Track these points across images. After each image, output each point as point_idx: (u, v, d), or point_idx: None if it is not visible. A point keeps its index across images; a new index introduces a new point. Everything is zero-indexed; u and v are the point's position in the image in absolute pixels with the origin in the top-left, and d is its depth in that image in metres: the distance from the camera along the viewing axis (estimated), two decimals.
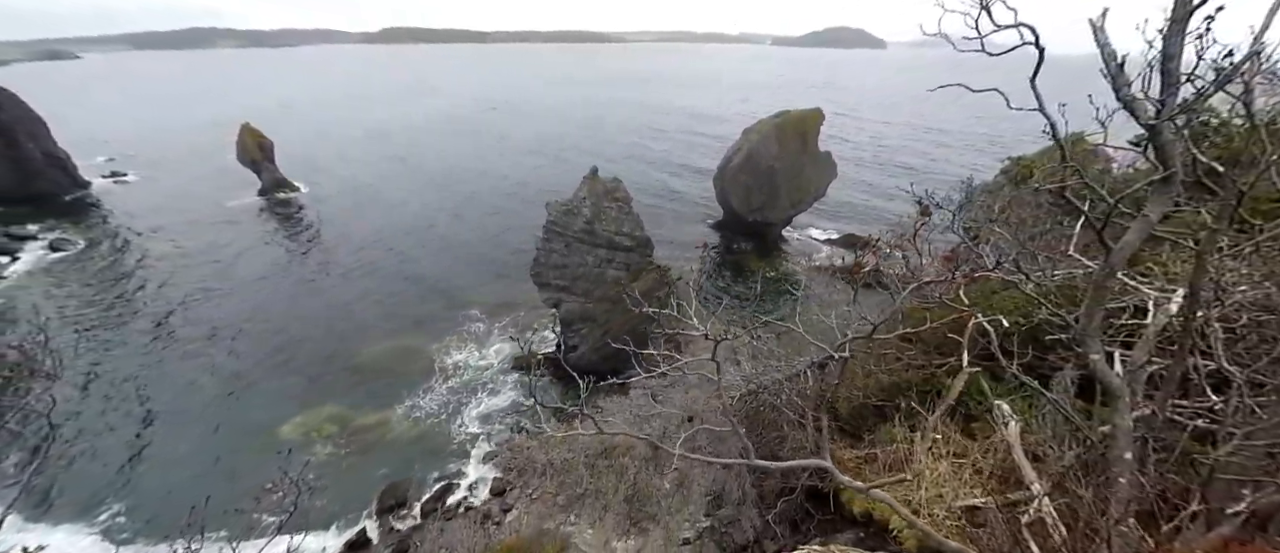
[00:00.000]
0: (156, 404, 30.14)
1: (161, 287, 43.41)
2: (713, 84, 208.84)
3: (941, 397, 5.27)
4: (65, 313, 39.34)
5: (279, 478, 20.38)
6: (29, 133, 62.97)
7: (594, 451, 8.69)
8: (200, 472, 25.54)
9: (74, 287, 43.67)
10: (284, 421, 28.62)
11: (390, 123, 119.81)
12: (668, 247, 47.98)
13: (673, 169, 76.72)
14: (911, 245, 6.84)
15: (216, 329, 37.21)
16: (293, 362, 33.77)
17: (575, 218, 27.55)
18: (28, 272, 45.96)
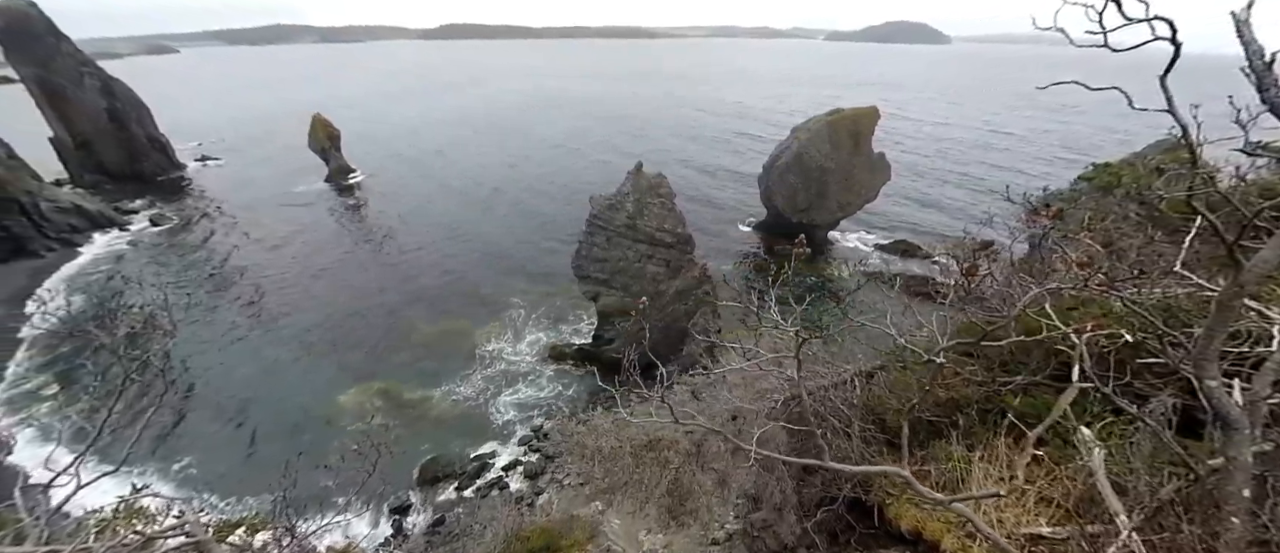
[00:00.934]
0: (233, 368, 33.12)
1: (239, 262, 47.65)
2: (761, 80, 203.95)
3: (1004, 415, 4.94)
4: (160, 280, 44.02)
5: (362, 441, 22.07)
6: (137, 118, 70.54)
7: (640, 441, 8.77)
8: (271, 432, 27.86)
9: (169, 257, 48.79)
10: (342, 390, 30.73)
11: (444, 114, 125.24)
12: (708, 245, 47.56)
13: (716, 166, 75.78)
14: (983, 254, 6.45)
15: (285, 303, 40.39)
16: (350, 337, 36.16)
17: (618, 212, 27.78)
18: (132, 242, 51.71)
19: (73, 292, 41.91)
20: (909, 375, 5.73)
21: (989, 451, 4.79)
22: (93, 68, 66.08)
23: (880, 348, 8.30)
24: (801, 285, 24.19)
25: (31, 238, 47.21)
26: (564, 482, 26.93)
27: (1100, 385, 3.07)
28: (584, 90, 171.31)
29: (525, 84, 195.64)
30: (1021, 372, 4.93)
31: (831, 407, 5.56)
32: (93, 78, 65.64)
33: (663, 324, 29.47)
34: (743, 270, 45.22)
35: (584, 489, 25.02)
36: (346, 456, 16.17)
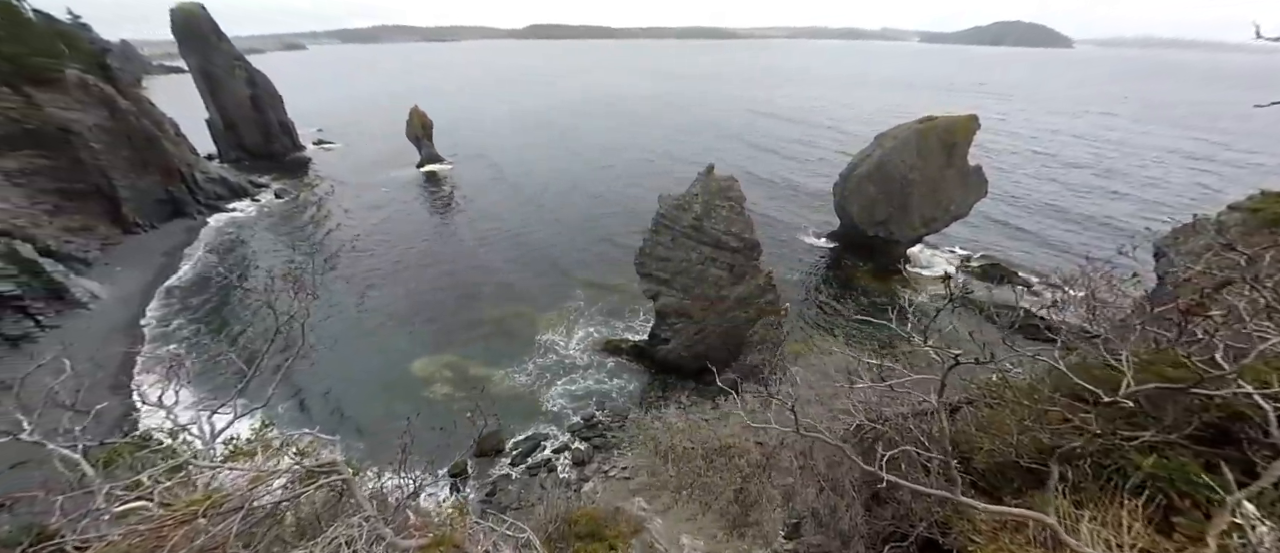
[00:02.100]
0: (324, 327, 37.13)
1: (339, 234, 53.62)
2: (844, 83, 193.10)
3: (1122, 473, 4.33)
4: (278, 246, 50.69)
5: (473, 411, 24.04)
6: (272, 105, 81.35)
7: (712, 445, 8.70)
8: (353, 388, 30.94)
9: (288, 227, 55.91)
10: (416, 358, 33.45)
11: (525, 108, 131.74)
12: (776, 252, 46.01)
13: (790, 171, 73.02)
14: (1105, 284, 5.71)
15: (372, 273, 44.71)
16: (426, 310, 39.23)
17: (685, 213, 27.67)
18: (262, 212, 59.78)
19: (219, 249, 49.45)
20: (1006, 414, 5.17)
21: (1101, 510, 4.20)
22: (242, 61, 77.11)
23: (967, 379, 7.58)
24: (872, 302, 23.17)
25: (188, 202, 56.11)
26: (610, 473, 27.34)
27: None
28: (661, 90, 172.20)
29: (603, 82, 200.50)
30: (1151, 425, 4.27)
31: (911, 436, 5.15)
32: (241, 70, 76.64)
33: (721, 329, 29.00)
34: (810, 281, 43.32)
35: (629, 484, 25.27)
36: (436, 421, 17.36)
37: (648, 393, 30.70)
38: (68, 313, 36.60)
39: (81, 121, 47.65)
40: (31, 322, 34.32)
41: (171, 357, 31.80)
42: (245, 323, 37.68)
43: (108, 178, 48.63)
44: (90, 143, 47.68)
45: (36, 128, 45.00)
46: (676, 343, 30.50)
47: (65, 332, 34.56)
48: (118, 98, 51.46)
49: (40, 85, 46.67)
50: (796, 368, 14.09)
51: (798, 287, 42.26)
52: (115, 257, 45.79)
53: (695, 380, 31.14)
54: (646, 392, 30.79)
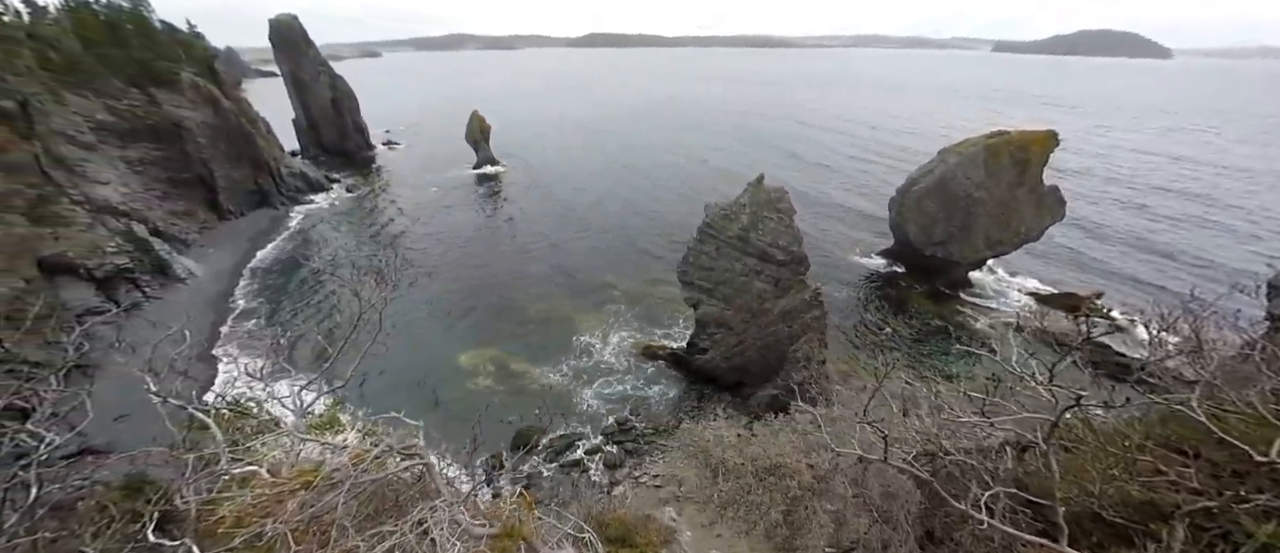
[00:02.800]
0: (384, 315, 39.52)
1: (399, 227, 57.12)
2: (905, 93, 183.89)
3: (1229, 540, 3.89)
4: (345, 236, 54.70)
5: (544, 408, 24.92)
6: (348, 107, 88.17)
7: (763, 463, 8.52)
8: (404, 375, 32.69)
9: (354, 219, 60.24)
10: (463, 351, 34.92)
11: (578, 114, 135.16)
12: (824, 268, 44.49)
13: (843, 184, 70.50)
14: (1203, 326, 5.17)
15: (426, 265, 47.20)
16: (475, 306, 40.92)
17: (732, 223, 27.35)
18: (332, 204, 64.79)
19: (296, 237, 54.04)
20: (1087, 460, 4.75)
21: None
22: (326, 67, 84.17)
23: (1033, 417, 7.02)
24: (925, 326, 21.89)
25: (272, 193, 61.71)
26: (641, 480, 27.29)
27: None
28: (712, 98, 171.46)
29: (655, 89, 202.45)
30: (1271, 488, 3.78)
31: (974, 474, 4.84)
32: (325, 74, 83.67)
33: (762, 343, 28.34)
34: (859, 300, 41.50)
35: (659, 493, 25.11)
36: (477, 413, 17.99)
37: (683, 402, 30.45)
38: (169, 287, 41.15)
39: (192, 118, 53.68)
40: (140, 293, 38.84)
41: (272, 337, 35.03)
42: (315, 305, 40.91)
43: (209, 169, 54.43)
44: (197, 137, 53.58)
45: (155, 123, 51.15)
46: (715, 354, 30.09)
47: (166, 303, 38.88)
48: (222, 98, 57.59)
49: (160, 86, 53.08)
50: (844, 389, 13.53)
51: (845, 305, 40.61)
52: (209, 239, 51.07)
53: (732, 393, 30.57)
54: (682, 401, 30.55)
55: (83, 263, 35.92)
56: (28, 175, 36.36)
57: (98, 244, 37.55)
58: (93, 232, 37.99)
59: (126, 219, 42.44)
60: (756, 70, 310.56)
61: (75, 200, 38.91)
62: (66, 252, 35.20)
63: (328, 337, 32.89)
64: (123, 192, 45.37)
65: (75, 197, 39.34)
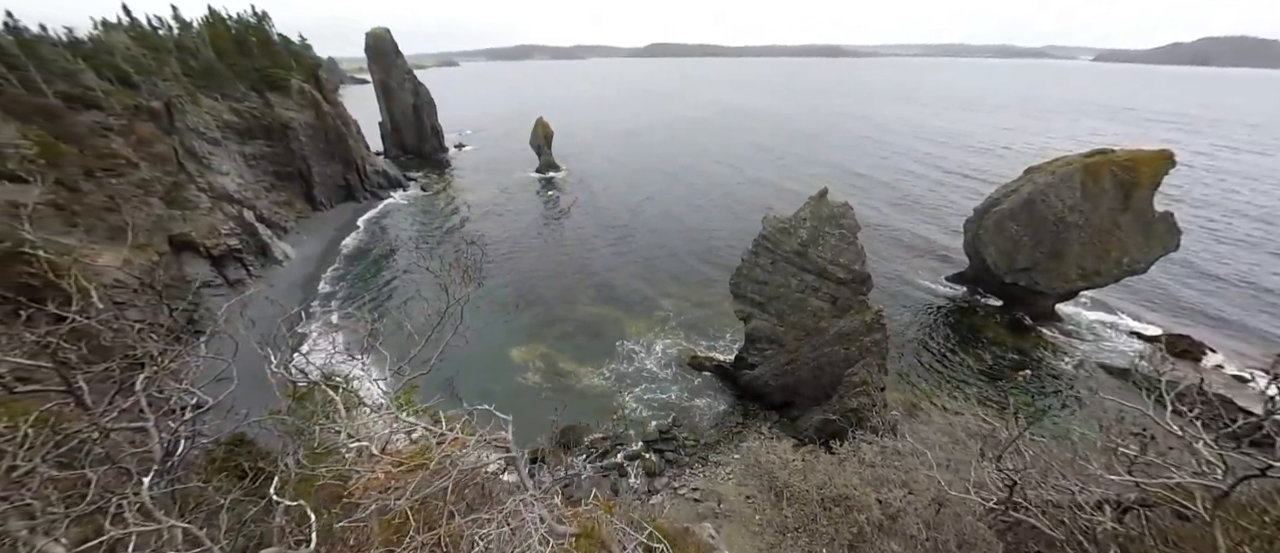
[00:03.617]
0: (442, 306, 42.00)
1: (464, 223, 60.68)
2: (985, 106, 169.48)
3: None
4: (417, 230, 58.88)
5: (589, 408, 25.54)
6: (428, 112, 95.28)
7: (830, 492, 8.12)
8: (460, 366, 34.47)
9: (426, 215, 64.78)
10: (515, 345, 36.28)
11: (639, 123, 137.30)
12: (888, 289, 42.05)
13: (912, 202, 66.33)
14: None
15: (491, 263, 49.67)
16: (531, 301, 42.47)
17: (790, 237, 26.56)
18: (408, 200, 70.09)
19: (375, 229, 59.02)
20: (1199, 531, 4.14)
21: None
22: (411, 75, 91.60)
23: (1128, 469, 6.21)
24: (1002, 360, 20.11)
25: (358, 188, 67.75)
26: (680, 491, 26.94)
27: None
28: (772, 110, 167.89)
29: (714, 99, 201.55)
30: None
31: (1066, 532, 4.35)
32: (409, 81, 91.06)
33: (815, 363, 27.16)
34: (926, 326, 38.70)
35: (697, 507, 24.59)
36: (526, 406, 18.58)
37: (727, 417, 29.77)
38: (268, 267, 46.19)
39: (297, 120, 60.25)
40: (245, 271, 43.91)
41: (354, 320, 38.52)
42: (389, 291, 44.41)
43: (307, 164, 60.73)
44: (300, 137, 60.02)
45: (268, 123, 57.90)
46: (764, 370, 29.22)
47: (264, 281, 43.65)
48: (322, 102, 64.21)
49: (274, 91, 60.10)
50: (909, 421, 12.66)
51: (910, 330, 38.03)
52: (303, 227, 56.83)
53: (779, 412, 29.49)
54: (726, 416, 29.88)
55: (202, 242, 41.20)
56: (166, 165, 42.38)
57: (215, 227, 42.93)
58: (212, 216, 43.50)
59: (239, 206, 48.24)
60: (821, 81, 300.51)
61: (200, 188, 44.80)
62: (190, 232, 40.54)
63: (410, 323, 35.52)
64: (238, 182, 51.67)
65: (200, 185, 45.31)
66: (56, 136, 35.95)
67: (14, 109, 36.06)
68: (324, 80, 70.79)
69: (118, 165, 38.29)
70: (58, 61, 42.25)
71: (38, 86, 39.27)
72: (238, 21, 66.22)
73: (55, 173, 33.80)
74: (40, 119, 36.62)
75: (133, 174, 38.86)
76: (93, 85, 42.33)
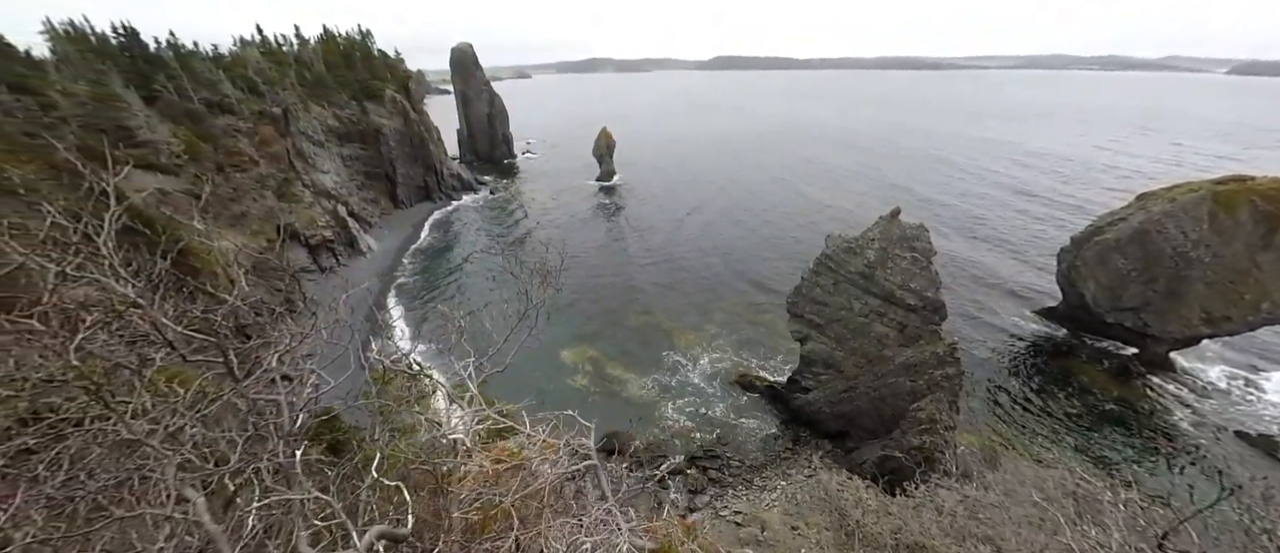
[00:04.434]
0: (502, 302, 44.03)
1: (527, 225, 63.58)
2: (1090, 123, 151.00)
3: None
4: (484, 230, 62.44)
5: (635, 416, 25.86)
6: (500, 121, 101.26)
7: (907, 540, 7.54)
8: (515, 365, 35.97)
9: (494, 216, 68.60)
10: (566, 347, 37.24)
11: (699, 135, 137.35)
12: (964, 321, 38.78)
13: (997, 228, 60.82)
14: None
15: (525, 257, 51.64)
16: (584, 305, 43.53)
17: (855, 257, 25.32)
18: (478, 203, 74.61)
19: (448, 227, 63.38)
20: None
21: None
22: (488, 86, 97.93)
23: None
24: (1099, 410, 17.84)
25: (434, 190, 73.14)
26: (722, 513, 26.20)
27: None
28: (842, 124, 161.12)
29: (780, 112, 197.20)
30: None
31: None
32: (486, 92, 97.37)
33: (876, 394, 25.54)
34: (1007, 363, 35.16)
35: (739, 531, 23.79)
36: (573, 408, 19.22)
37: (776, 441, 28.67)
38: (354, 257, 50.90)
39: (387, 126, 66.27)
40: (335, 260, 48.68)
41: (432, 313, 41.72)
42: (459, 285, 47.60)
43: (394, 166, 66.50)
44: (390, 141, 65.93)
45: (363, 129, 64.14)
46: (819, 396, 27.89)
47: (351, 269, 48.14)
48: (410, 111, 70.20)
49: (371, 100, 66.54)
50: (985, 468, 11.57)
51: (988, 366, 34.75)
52: (385, 223, 62.15)
53: (833, 441, 27.95)
54: (775, 440, 28.78)
55: (303, 232, 46.23)
56: (280, 164, 48.13)
57: (314, 219, 48.05)
58: (312, 209, 48.75)
59: (334, 202, 53.71)
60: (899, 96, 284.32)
61: (304, 184, 50.38)
62: (294, 223, 45.66)
63: (489, 322, 38.05)
64: (335, 180, 57.57)
65: (305, 182, 50.96)
66: (198, 136, 42.06)
67: (168, 112, 42.67)
68: (413, 91, 77.44)
69: (243, 162, 44.06)
70: (204, 73, 49.54)
71: (187, 93, 46.22)
72: (346, 38, 74.30)
73: (194, 167, 39.53)
74: (187, 121, 43.04)
75: (253, 170, 44.53)
76: (228, 93, 49.17)
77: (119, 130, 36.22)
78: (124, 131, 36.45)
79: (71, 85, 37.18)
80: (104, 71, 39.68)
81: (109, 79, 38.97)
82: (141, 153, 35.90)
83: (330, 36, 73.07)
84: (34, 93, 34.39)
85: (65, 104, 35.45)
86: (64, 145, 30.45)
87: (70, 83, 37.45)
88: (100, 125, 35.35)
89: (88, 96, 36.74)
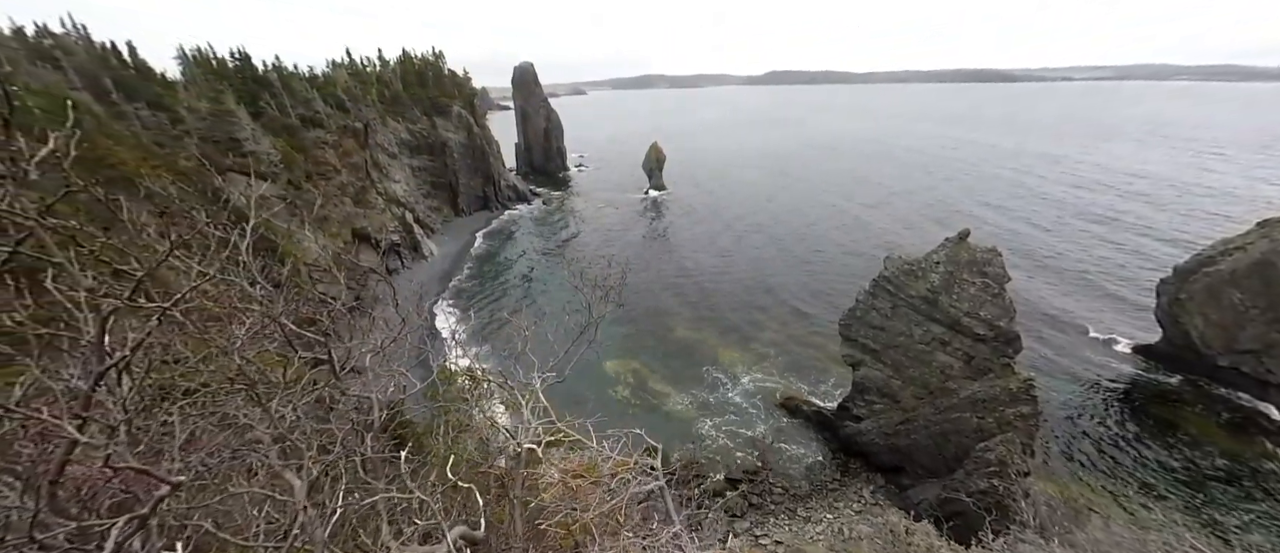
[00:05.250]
0: (547, 307, 45.09)
1: (576, 235, 65.23)
2: (1191, 142, 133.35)
3: None
4: (536, 239, 64.77)
5: (676, 433, 26.09)
6: (556, 135, 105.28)
7: None
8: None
9: (546, 226, 71.03)
10: (609, 358, 37.47)
11: (749, 152, 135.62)
12: (1042, 355, 35.36)
13: (1080, 256, 55.26)
14: None
15: (586, 270, 52.60)
16: (628, 315, 43.75)
17: (917, 281, 23.91)
18: (532, 213, 77.67)
19: (502, 235, 66.40)
20: None
21: None
22: (546, 102, 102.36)
23: None
24: (1209, 466, 15.77)
25: (492, 200, 76.94)
26: (761, 541, 25.17)
27: None
28: (903, 140, 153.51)
29: (834, 128, 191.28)
30: None
31: None
32: (543, 108, 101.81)
33: (937, 429, 23.78)
34: (1095, 406, 31.54)
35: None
36: (613, 419, 19.43)
37: (822, 470, 27.30)
38: (417, 261, 54.36)
39: (453, 140, 70.74)
40: (400, 262, 52.22)
41: (521, 330, 44.12)
42: (516, 293, 49.58)
43: (457, 177, 70.74)
44: (454, 154, 70.32)
45: (431, 142, 68.83)
46: (872, 426, 26.34)
47: (414, 271, 51.41)
48: (474, 125, 74.63)
49: (439, 115, 71.39)
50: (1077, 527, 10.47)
51: (1070, 407, 31.38)
52: (446, 229, 66.01)
53: (885, 476, 26.20)
54: (820, 468, 27.41)
55: (374, 236, 50.06)
56: (359, 173, 52.55)
57: (384, 224, 51.93)
58: (383, 215, 52.73)
59: (402, 209, 57.80)
60: (963, 110, 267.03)
61: (378, 192, 54.65)
62: (367, 227, 49.56)
63: (551, 334, 39.79)
64: (404, 189, 62.03)
65: (379, 190, 55.27)
66: (293, 148, 46.86)
67: (270, 126, 47.93)
68: (477, 107, 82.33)
69: (328, 171, 48.55)
70: (301, 91, 55.30)
71: (286, 109, 51.75)
72: (421, 59, 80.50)
73: (288, 174, 44.03)
74: (285, 134, 48.11)
75: (336, 178, 48.93)
76: (320, 109, 54.54)
77: (230, 141, 41.13)
78: (234, 143, 41.33)
79: (195, 102, 42.77)
80: (221, 90, 45.39)
81: (225, 97, 44.50)
82: (247, 162, 40.54)
83: (407, 57, 79.49)
84: (166, 109, 39.87)
85: (190, 118, 40.79)
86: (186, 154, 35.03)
87: (194, 101, 43.11)
88: (216, 137, 40.32)
89: (207, 112, 42.08)
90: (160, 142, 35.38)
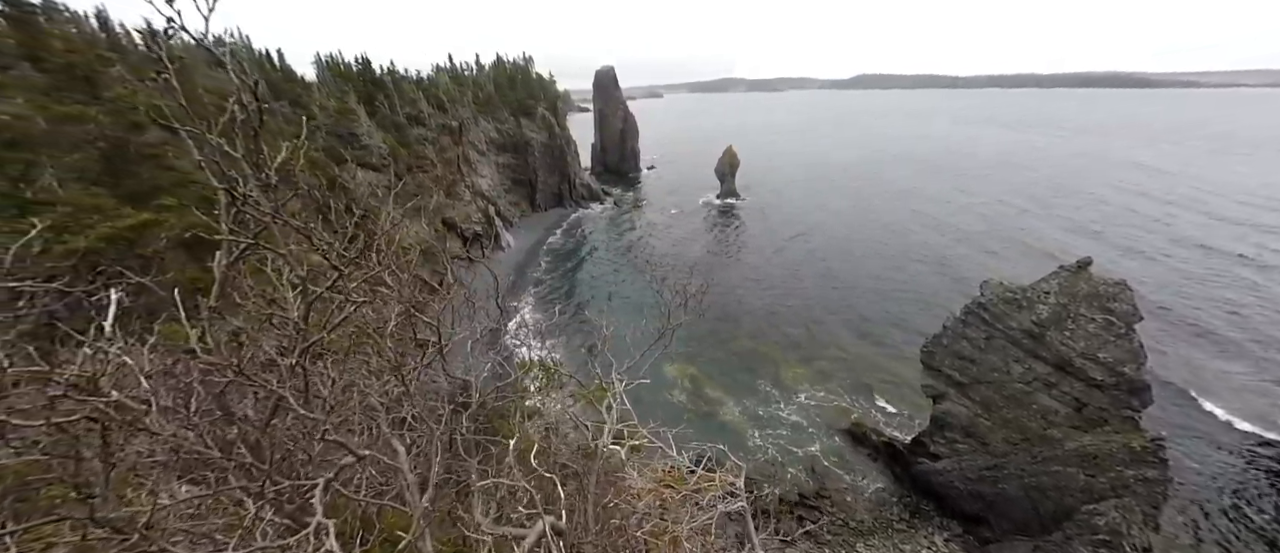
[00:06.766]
0: (608, 309, 46.04)
1: (646, 237, 66.19)
2: None
3: None
4: (607, 237, 66.46)
5: (729, 444, 27.05)
6: (631, 137, 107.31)
7: None
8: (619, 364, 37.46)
9: (616, 226, 72.67)
10: (669, 361, 37.44)
11: (830, 159, 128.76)
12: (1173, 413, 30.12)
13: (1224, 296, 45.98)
14: None
15: (667, 276, 52.88)
16: (691, 322, 42.89)
17: (1020, 311, 21.36)
18: (603, 212, 79.83)
19: (576, 232, 69.06)
20: None
21: None
22: (623, 105, 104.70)
23: None
24: None
25: (567, 198, 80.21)
26: None
27: None
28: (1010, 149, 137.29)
29: (928, 134, 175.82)
30: None
31: None
32: (620, 110, 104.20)
33: (1031, 481, 21.08)
34: (1242, 478, 26.20)
35: None
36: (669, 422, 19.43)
37: (887, 506, 25.28)
38: (496, 251, 58.12)
39: (536, 139, 74.71)
40: (481, 251, 56.11)
41: (602, 329, 46.31)
42: (589, 288, 51.37)
43: (536, 175, 74.63)
44: (536, 153, 74.24)
45: (516, 141, 73.21)
46: (951, 466, 23.95)
47: (494, 261, 55.03)
48: (555, 126, 78.27)
49: (524, 116, 75.71)
50: None
51: (1210, 476, 26.37)
52: (524, 223, 69.88)
53: (963, 525, 23.67)
54: (885, 504, 25.39)
55: (459, 226, 54.24)
56: (451, 167, 57.20)
57: (469, 215, 56.09)
58: (469, 207, 56.97)
59: (486, 202, 62.08)
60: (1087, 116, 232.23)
61: (466, 186, 59.13)
62: (455, 217, 53.82)
63: (629, 336, 41.17)
64: (489, 184, 66.58)
65: (467, 184, 59.80)
66: (399, 143, 52.11)
67: (382, 123, 53.67)
68: (559, 108, 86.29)
69: (426, 165, 53.39)
70: (408, 92, 61.35)
71: (396, 109, 57.68)
72: (512, 64, 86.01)
73: (393, 167, 49.04)
74: (393, 131, 53.64)
75: (432, 172, 53.67)
76: (423, 109, 60.12)
77: (349, 137, 46.68)
78: (353, 137, 46.86)
79: (325, 101, 49.08)
80: (346, 91, 51.67)
81: (348, 97, 50.62)
82: (361, 154, 45.79)
83: (500, 63, 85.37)
84: (303, 107, 46.17)
85: (320, 116, 46.90)
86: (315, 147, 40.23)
87: (324, 100, 49.50)
88: (339, 132, 45.97)
89: (334, 110, 48.11)
90: (296, 135, 41.15)
